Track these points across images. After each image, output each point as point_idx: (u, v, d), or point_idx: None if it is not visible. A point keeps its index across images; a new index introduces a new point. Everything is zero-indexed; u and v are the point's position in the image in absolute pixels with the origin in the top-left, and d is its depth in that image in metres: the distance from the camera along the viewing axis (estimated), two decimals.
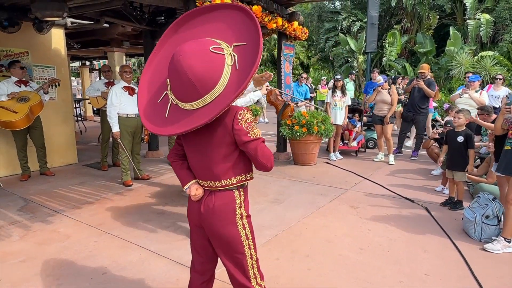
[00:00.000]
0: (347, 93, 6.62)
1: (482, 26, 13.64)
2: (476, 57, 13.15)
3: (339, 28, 18.95)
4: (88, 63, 13.78)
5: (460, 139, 4.05)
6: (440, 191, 4.74)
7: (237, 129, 1.54)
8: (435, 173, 5.61)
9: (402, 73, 14.53)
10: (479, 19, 13.88)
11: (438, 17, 16.20)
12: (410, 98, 6.84)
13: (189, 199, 1.76)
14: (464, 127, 4.14)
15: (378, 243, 3.26)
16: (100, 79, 7.11)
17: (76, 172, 5.85)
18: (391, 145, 6.39)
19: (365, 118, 7.75)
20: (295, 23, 6.09)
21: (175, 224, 3.70)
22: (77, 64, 14.64)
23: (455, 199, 4.16)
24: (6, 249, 3.16)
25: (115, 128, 4.82)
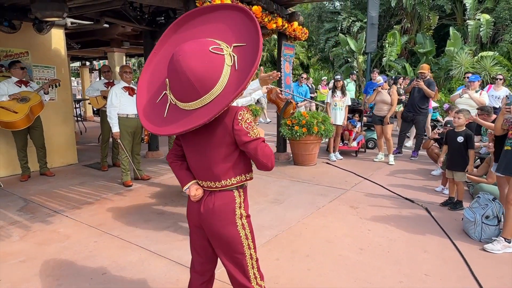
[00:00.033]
0: (347, 93, 6.61)
1: (482, 26, 13.64)
2: (476, 57, 13.15)
3: (339, 28, 18.95)
4: (88, 63, 13.79)
5: (460, 139, 4.05)
6: (440, 191, 4.74)
7: (237, 129, 1.54)
8: (435, 173, 5.61)
9: (402, 74, 14.53)
10: (479, 19, 13.88)
11: (438, 17, 16.20)
12: (410, 98, 6.84)
13: (189, 199, 1.76)
14: (464, 127, 4.14)
15: (378, 243, 3.26)
16: (100, 79, 7.11)
17: (76, 173, 5.85)
18: (391, 145, 6.40)
19: (365, 118, 7.75)
20: (295, 24, 6.09)
21: (175, 224, 3.70)
22: (77, 64, 14.65)
23: (455, 199, 4.16)
24: (6, 249, 3.16)
25: (115, 129, 4.82)
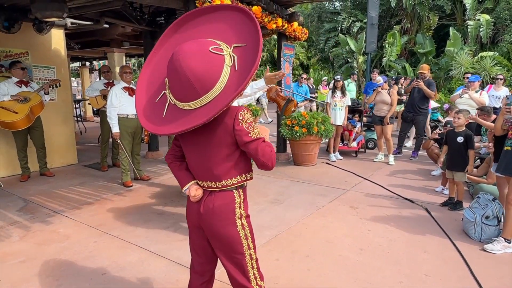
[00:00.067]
0: (347, 93, 6.61)
1: (482, 26, 13.65)
2: (476, 57, 13.16)
3: (339, 28, 18.97)
4: (88, 63, 13.79)
5: (460, 139, 4.05)
6: (440, 191, 4.74)
7: (238, 129, 1.54)
8: (435, 173, 5.61)
9: (402, 74, 14.54)
10: (479, 19, 13.89)
11: (438, 17, 16.21)
12: (409, 98, 6.84)
13: (188, 200, 1.76)
14: (464, 127, 4.14)
15: (378, 243, 3.26)
16: (100, 79, 7.11)
17: (76, 173, 5.85)
18: (391, 146, 6.40)
19: (365, 119, 7.74)
20: (295, 24, 6.09)
21: (175, 224, 3.70)
22: (77, 64, 14.65)
23: (455, 200, 4.16)
24: (6, 250, 3.16)
25: (115, 129, 4.82)
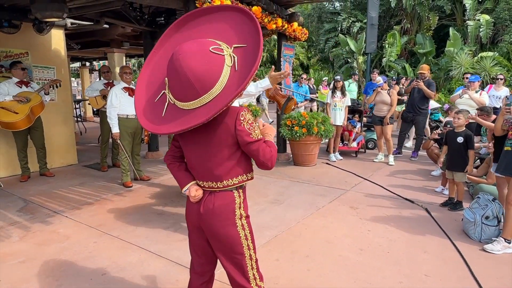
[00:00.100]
0: (347, 93, 6.61)
1: (482, 26, 13.65)
2: (476, 57, 13.16)
3: (339, 28, 18.97)
4: (88, 64, 13.79)
5: (460, 139, 4.05)
6: (440, 191, 4.74)
7: (240, 130, 1.55)
8: (435, 173, 5.61)
9: (402, 74, 14.54)
10: (478, 19, 13.89)
11: (437, 17, 16.21)
12: (409, 98, 6.84)
13: (188, 200, 1.76)
14: (464, 127, 4.14)
15: (378, 243, 3.26)
16: (100, 79, 7.11)
17: (76, 173, 5.85)
18: (391, 146, 6.39)
19: (364, 119, 7.74)
20: (295, 24, 6.10)
21: (175, 224, 3.70)
22: (77, 65, 14.66)
23: (455, 200, 4.16)
24: (6, 250, 3.16)
25: (114, 129, 4.81)
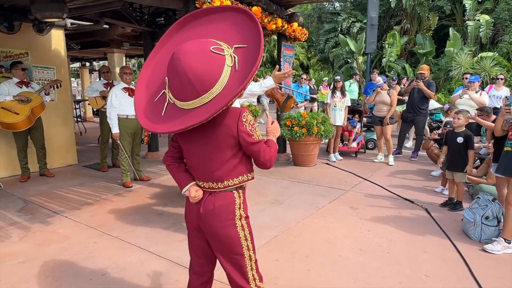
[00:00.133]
0: (347, 94, 6.61)
1: (482, 27, 13.66)
2: (476, 58, 13.17)
3: (339, 29, 18.99)
4: (88, 64, 13.79)
5: (460, 140, 4.05)
6: (440, 192, 4.74)
7: (243, 131, 1.56)
8: (435, 174, 5.61)
9: (402, 74, 14.55)
10: (478, 20, 13.90)
11: (437, 18, 16.23)
12: (409, 99, 6.84)
13: (187, 201, 1.76)
14: (464, 128, 4.14)
15: (378, 244, 3.26)
16: (100, 80, 7.12)
17: (76, 173, 5.85)
18: (390, 146, 6.39)
19: (364, 119, 7.74)
20: (295, 24, 6.10)
21: (175, 225, 3.70)
22: (77, 65, 14.65)
23: (455, 200, 4.16)
24: (6, 250, 3.16)
25: (114, 129, 4.81)
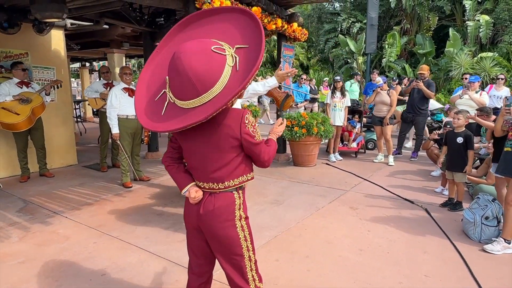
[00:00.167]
0: (347, 94, 6.61)
1: (482, 27, 13.67)
2: (476, 58, 13.18)
3: (339, 29, 19.01)
4: (88, 64, 13.79)
5: (460, 140, 4.05)
6: (440, 192, 4.74)
7: (246, 133, 1.57)
8: (434, 174, 5.61)
9: (402, 74, 14.56)
10: (478, 20, 13.91)
11: (437, 18, 16.24)
12: (409, 99, 6.84)
13: (186, 201, 1.76)
14: (464, 128, 4.14)
15: (378, 244, 3.26)
16: (100, 80, 7.12)
17: (76, 173, 5.85)
18: (390, 146, 6.39)
19: (364, 119, 7.74)
20: (295, 24, 6.10)
21: (175, 225, 3.70)
22: (77, 65, 14.65)
23: (455, 200, 4.16)
24: (6, 250, 3.16)
25: (114, 130, 4.80)
